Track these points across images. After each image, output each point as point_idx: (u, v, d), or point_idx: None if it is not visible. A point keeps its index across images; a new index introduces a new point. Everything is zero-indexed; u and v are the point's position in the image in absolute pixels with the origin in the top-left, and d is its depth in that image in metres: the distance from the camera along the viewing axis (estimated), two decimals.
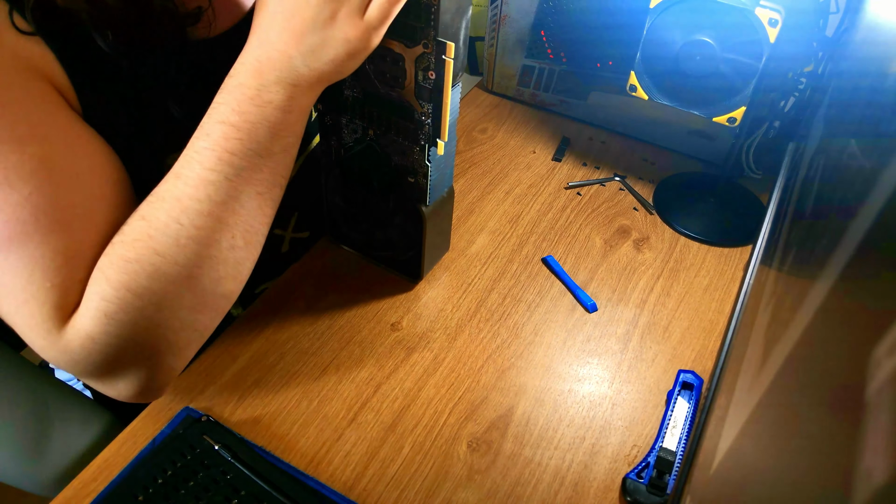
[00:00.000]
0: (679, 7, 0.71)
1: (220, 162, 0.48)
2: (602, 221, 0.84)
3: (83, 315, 0.48)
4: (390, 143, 0.64)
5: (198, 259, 0.48)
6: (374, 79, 0.61)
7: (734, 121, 0.74)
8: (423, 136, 0.62)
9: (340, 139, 0.67)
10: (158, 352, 0.50)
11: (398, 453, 0.60)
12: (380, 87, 0.61)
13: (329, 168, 0.69)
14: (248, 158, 0.48)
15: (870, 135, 0.41)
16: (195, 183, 0.47)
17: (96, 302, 0.47)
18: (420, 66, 0.58)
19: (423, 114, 0.60)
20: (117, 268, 0.47)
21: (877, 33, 0.54)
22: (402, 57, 0.59)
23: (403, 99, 0.61)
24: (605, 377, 0.67)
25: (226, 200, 0.48)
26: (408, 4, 0.55)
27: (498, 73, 1.01)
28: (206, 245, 0.48)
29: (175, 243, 0.47)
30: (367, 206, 0.70)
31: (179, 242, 0.48)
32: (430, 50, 0.57)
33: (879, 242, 0.29)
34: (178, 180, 0.48)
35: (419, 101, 0.60)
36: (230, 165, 0.48)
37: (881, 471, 0.18)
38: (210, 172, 0.47)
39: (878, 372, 0.22)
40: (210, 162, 0.48)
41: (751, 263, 0.72)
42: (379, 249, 0.74)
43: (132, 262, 0.47)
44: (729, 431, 0.42)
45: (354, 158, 0.67)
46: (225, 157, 0.48)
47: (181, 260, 0.48)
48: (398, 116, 0.62)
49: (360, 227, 0.73)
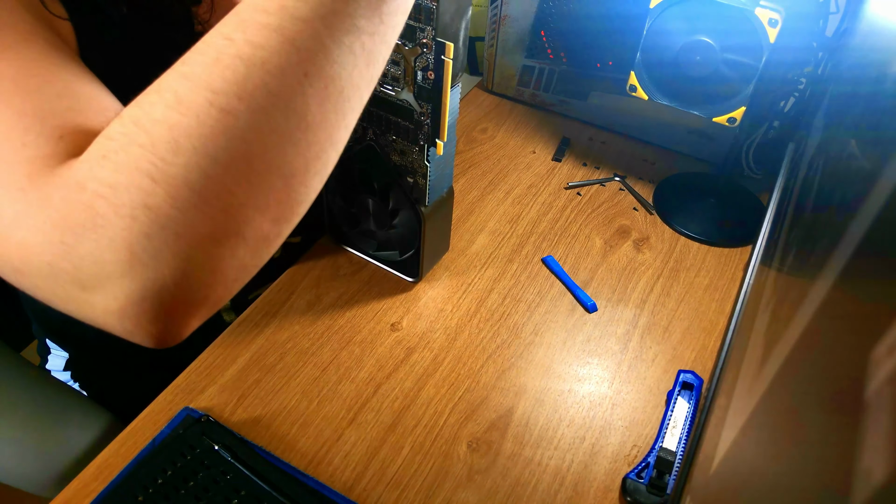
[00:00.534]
0: (679, 7, 0.71)
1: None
2: (602, 221, 0.84)
3: (76, 162, 0.33)
4: (390, 143, 0.64)
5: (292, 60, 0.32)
6: None
7: (734, 121, 0.74)
8: (422, 137, 0.62)
9: None
10: (195, 244, 0.31)
11: (398, 453, 0.60)
12: (379, 88, 0.61)
13: None
14: None
15: (870, 135, 0.41)
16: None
17: (98, 142, 0.32)
18: (419, 66, 0.58)
19: (423, 114, 0.60)
20: (139, 101, 0.33)
21: (877, 34, 0.54)
22: (401, 57, 0.59)
23: (403, 99, 0.61)
24: (605, 377, 0.67)
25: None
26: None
27: (498, 73, 1.01)
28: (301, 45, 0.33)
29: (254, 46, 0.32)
30: (367, 206, 0.70)
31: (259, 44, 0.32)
32: (429, 50, 0.57)
33: (879, 242, 0.29)
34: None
35: (419, 101, 0.60)
36: None
37: (881, 471, 0.18)
38: None
39: (877, 372, 0.22)
40: None
41: (751, 263, 0.72)
42: (379, 249, 0.74)
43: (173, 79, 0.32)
44: (729, 431, 0.42)
45: (354, 158, 0.67)
46: None
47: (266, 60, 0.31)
48: (398, 116, 0.62)
49: (360, 227, 0.73)
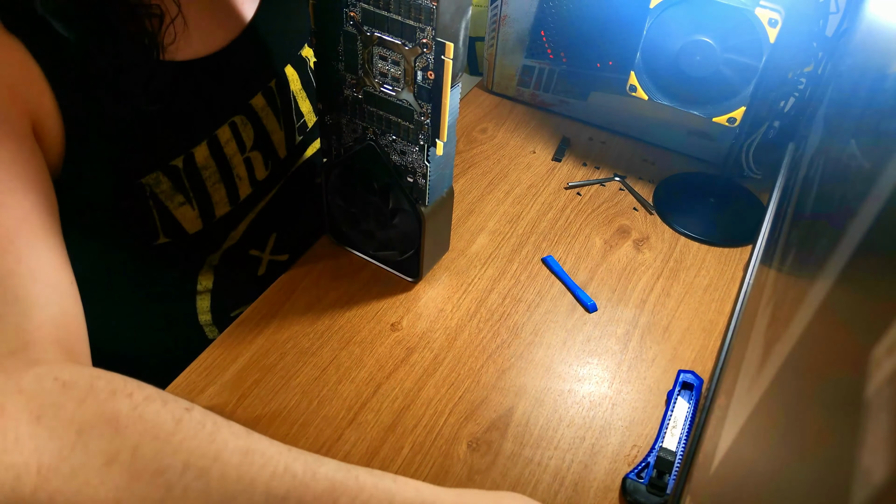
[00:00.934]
0: (679, 7, 0.71)
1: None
2: (602, 221, 0.84)
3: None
4: (390, 143, 0.64)
5: None
6: (374, 79, 0.61)
7: (734, 121, 0.74)
8: (422, 137, 0.62)
9: (340, 139, 0.67)
10: None
11: (398, 453, 0.60)
12: (380, 88, 0.61)
13: (329, 168, 0.69)
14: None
15: (870, 135, 0.41)
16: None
17: None
18: (419, 66, 0.58)
19: (423, 114, 0.60)
20: None
21: (876, 33, 0.54)
22: (401, 57, 0.59)
23: (403, 99, 0.61)
24: (605, 377, 0.67)
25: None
26: (408, 4, 0.55)
27: (498, 73, 1.01)
28: None
29: None
30: (366, 206, 0.70)
31: None
32: (429, 50, 0.57)
33: (879, 242, 0.29)
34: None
35: (419, 101, 0.60)
36: None
37: (881, 471, 0.18)
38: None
39: (877, 372, 0.22)
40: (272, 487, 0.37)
41: (751, 263, 0.72)
42: (379, 249, 0.74)
43: None
44: (729, 431, 0.43)
45: (354, 158, 0.67)
46: None
47: None
48: (398, 117, 0.62)
49: (360, 227, 0.73)
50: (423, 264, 0.72)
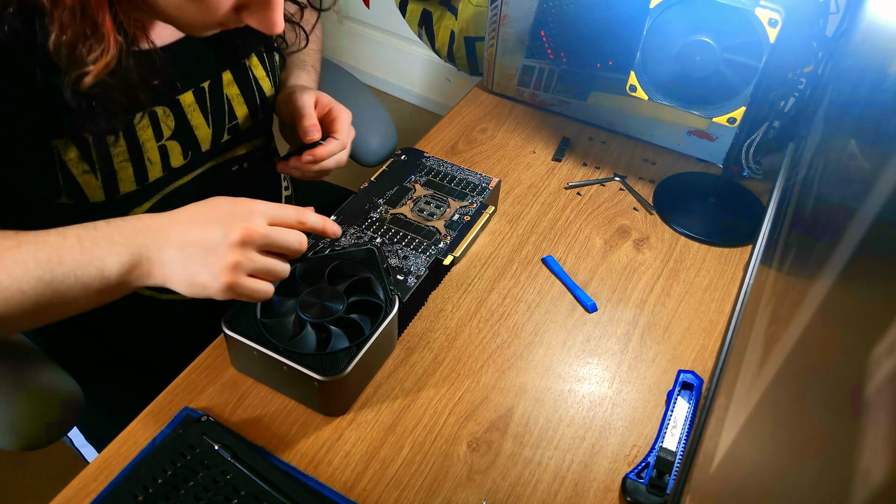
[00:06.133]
0: (679, 7, 0.71)
1: (39, 264, 0.53)
2: (602, 221, 0.84)
3: None
4: (394, 251, 0.70)
5: None
6: (412, 211, 0.75)
7: (734, 121, 0.74)
8: (435, 251, 0.71)
9: (335, 240, 0.70)
10: None
11: (398, 453, 0.60)
12: (415, 217, 0.74)
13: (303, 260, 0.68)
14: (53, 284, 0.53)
15: (870, 135, 0.41)
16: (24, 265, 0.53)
17: None
18: (461, 212, 0.75)
19: (445, 236, 0.72)
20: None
21: (876, 34, 0.54)
22: (447, 206, 0.75)
23: (432, 226, 0.73)
24: (605, 377, 0.67)
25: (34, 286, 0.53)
26: (468, 183, 0.78)
27: (498, 73, 1.01)
28: None
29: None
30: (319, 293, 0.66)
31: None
32: (474, 206, 0.76)
33: (879, 242, 0.29)
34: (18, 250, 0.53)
35: (447, 229, 0.73)
36: (48, 272, 0.53)
37: (881, 471, 0.19)
38: (35, 267, 0.53)
39: (877, 372, 0.22)
40: (39, 258, 0.53)
41: (751, 263, 0.72)
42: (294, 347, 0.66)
43: None
44: (729, 431, 0.43)
45: (341, 254, 0.68)
46: (44, 265, 0.53)
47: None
48: (419, 235, 0.72)
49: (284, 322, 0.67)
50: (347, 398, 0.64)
